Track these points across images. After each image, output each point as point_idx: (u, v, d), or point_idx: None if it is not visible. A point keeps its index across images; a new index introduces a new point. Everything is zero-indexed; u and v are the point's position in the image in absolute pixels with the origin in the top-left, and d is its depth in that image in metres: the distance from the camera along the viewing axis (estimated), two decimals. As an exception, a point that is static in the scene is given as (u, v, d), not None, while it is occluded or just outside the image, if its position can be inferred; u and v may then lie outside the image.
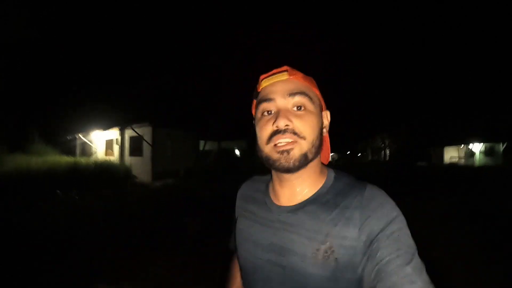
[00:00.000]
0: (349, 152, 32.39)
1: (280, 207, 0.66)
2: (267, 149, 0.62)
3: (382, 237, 0.53)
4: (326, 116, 0.70)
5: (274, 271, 0.62)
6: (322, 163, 0.71)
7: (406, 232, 0.54)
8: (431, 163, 18.68)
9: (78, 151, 16.95)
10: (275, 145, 0.60)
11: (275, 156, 0.60)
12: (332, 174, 0.68)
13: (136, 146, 13.47)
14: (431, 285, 0.49)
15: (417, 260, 0.51)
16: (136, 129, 13.47)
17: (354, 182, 0.64)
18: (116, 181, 10.31)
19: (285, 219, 0.64)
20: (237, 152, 17.58)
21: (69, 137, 16.33)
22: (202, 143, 16.80)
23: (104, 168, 10.82)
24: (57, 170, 9.73)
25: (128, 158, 13.87)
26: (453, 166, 16.28)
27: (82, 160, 11.43)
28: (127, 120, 12.94)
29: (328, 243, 0.57)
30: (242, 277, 0.74)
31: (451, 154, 18.90)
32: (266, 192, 0.73)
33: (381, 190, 0.61)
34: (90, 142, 16.05)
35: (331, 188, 0.64)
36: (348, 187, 0.63)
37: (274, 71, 0.67)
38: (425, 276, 0.50)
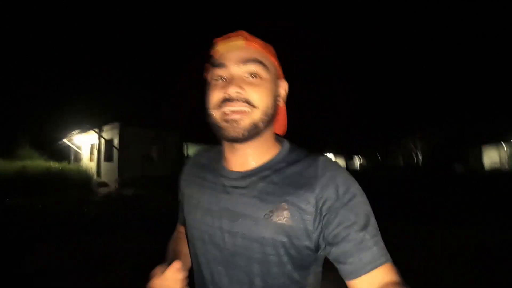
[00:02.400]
0: (379, 156, 28.95)
1: (232, 172, 0.64)
2: (216, 115, 0.59)
3: (339, 206, 0.53)
4: (283, 86, 0.67)
5: (226, 239, 0.60)
6: (277, 134, 0.70)
7: (361, 199, 0.55)
8: (468, 167, 15.18)
9: (72, 156, 16.58)
10: (224, 113, 0.58)
11: (223, 124, 0.58)
12: (287, 144, 0.66)
13: (107, 150, 12.34)
14: (387, 254, 0.51)
15: (372, 227, 0.52)
16: (106, 131, 12.38)
17: (308, 153, 0.63)
18: (68, 187, 9.26)
19: (238, 184, 0.62)
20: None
21: (60, 143, 15.95)
22: (190, 147, 15.29)
23: (57, 174, 9.84)
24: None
25: (103, 163, 12.83)
26: (496, 172, 12.84)
27: (37, 164, 10.54)
28: (92, 121, 11.84)
29: (282, 205, 0.56)
30: (191, 249, 0.70)
31: (491, 155, 15.23)
32: (219, 159, 0.69)
33: (334, 161, 0.60)
34: (78, 147, 15.47)
35: (286, 157, 0.63)
36: (303, 157, 0.62)
37: (230, 34, 0.62)
38: (380, 242, 0.52)
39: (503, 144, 14.73)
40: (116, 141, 11.51)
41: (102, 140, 12.72)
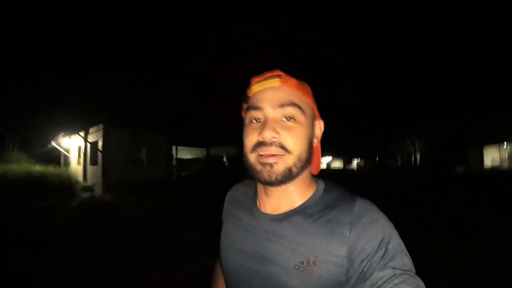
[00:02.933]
0: (377, 157, 28.48)
1: (265, 214, 0.64)
2: (251, 158, 0.59)
3: (375, 258, 0.49)
4: (319, 126, 0.67)
5: (256, 280, 0.60)
6: (312, 175, 0.68)
7: (401, 249, 0.51)
8: (468, 168, 14.75)
9: (62, 160, 16.22)
10: (260, 155, 0.58)
11: (258, 167, 0.58)
12: (321, 185, 0.65)
13: (93, 154, 11.95)
14: None
15: (416, 279, 0.47)
16: (91, 133, 12.01)
17: (344, 195, 0.60)
18: (47, 191, 8.90)
19: (269, 228, 0.61)
20: (225, 160, 15.35)
21: (49, 146, 15.59)
22: (183, 150, 14.89)
23: (37, 178, 9.48)
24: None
25: (89, 167, 12.44)
26: (496, 172, 12.43)
27: (18, 168, 10.17)
28: (78, 123, 11.44)
29: (312, 257, 0.54)
30: (226, 285, 0.71)
31: (492, 156, 14.78)
32: (254, 198, 0.69)
33: (372, 204, 0.57)
34: (66, 150, 15.10)
35: (319, 201, 0.61)
36: (338, 201, 0.59)
37: (267, 74, 0.62)
38: None
39: (504, 144, 14.30)
40: (100, 144, 11.12)
41: (88, 143, 12.34)
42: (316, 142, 0.65)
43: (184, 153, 15.45)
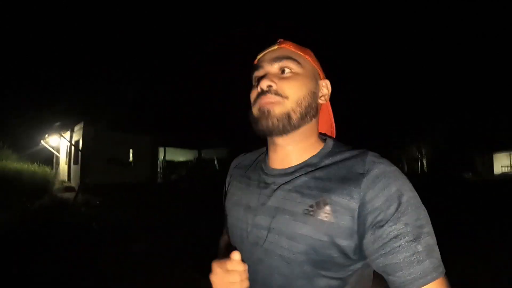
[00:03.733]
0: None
1: (274, 169, 0.63)
2: (253, 111, 0.61)
3: (390, 210, 0.48)
4: (326, 85, 0.67)
5: (262, 236, 0.57)
6: (323, 134, 0.69)
7: (415, 203, 0.49)
8: (476, 174, 13.73)
9: (54, 159, 16.01)
10: (259, 105, 0.59)
11: (258, 115, 0.59)
12: (331, 142, 0.64)
13: (75, 153, 11.56)
14: (441, 267, 0.46)
15: (427, 235, 0.47)
16: (75, 132, 11.64)
17: (354, 149, 0.59)
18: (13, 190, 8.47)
19: (279, 180, 0.60)
20: (216, 163, 14.76)
21: (39, 144, 15.38)
22: (173, 152, 14.41)
23: (10, 176, 9.09)
24: None
25: (72, 167, 12.06)
26: (506, 179, 11.53)
27: None
28: (64, 122, 11.07)
29: (323, 201, 0.52)
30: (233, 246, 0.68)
31: (501, 163, 13.72)
32: (264, 159, 0.69)
33: (384, 158, 0.55)
34: (56, 149, 14.82)
35: (329, 154, 0.60)
36: (349, 153, 0.58)
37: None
38: (434, 253, 0.46)
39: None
40: (80, 143, 10.72)
41: (72, 142, 11.99)
42: (324, 100, 0.65)
43: (174, 155, 14.94)
